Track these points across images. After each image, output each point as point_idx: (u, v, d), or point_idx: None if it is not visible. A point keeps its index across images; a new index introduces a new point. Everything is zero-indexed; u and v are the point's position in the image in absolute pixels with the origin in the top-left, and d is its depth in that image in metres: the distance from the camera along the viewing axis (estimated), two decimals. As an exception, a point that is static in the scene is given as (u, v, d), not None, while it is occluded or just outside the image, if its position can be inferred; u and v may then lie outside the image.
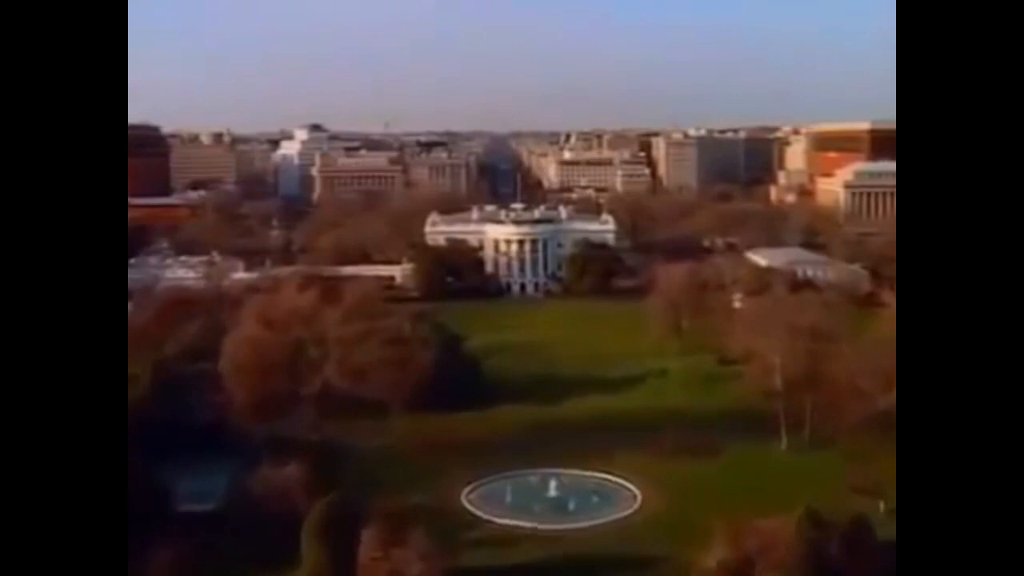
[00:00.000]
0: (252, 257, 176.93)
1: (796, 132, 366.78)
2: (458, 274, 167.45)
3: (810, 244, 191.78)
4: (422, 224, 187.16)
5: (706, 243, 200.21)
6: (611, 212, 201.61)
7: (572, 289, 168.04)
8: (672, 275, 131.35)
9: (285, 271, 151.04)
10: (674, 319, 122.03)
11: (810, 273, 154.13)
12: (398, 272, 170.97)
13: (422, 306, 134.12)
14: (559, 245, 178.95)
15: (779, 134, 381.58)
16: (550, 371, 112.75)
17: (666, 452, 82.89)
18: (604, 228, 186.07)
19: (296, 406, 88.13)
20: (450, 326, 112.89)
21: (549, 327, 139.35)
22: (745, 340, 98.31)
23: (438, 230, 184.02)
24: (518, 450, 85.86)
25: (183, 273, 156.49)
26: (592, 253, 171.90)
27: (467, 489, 78.34)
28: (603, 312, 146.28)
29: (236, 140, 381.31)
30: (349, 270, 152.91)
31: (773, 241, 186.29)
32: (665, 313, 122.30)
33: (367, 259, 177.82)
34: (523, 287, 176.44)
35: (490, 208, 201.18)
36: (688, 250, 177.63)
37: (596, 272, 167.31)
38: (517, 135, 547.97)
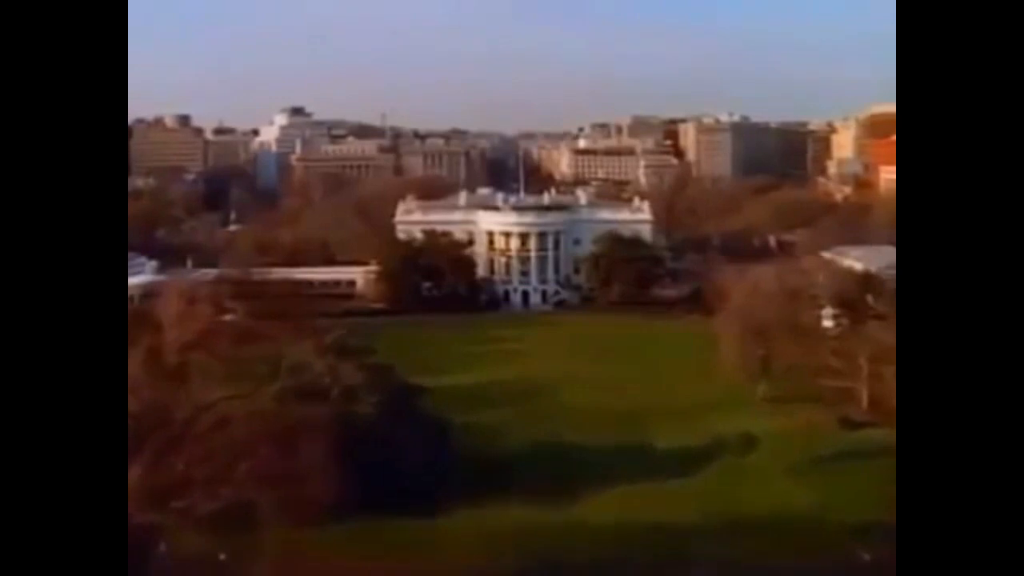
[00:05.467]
0: (187, 256, 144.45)
1: (830, 125, 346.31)
2: (438, 278, 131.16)
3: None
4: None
5: (755, 241, 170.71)
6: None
7: (594, 299, 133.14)
8: (750, 283, 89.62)
9: (209, 274, 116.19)
10: (756, 349, 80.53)
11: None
12: (360, 276, 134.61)
13: (387, 320, 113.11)
14: (576, 240, 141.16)
15: (812, 127, 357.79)
16: (561, 437, 72.82)
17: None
18: (637, 218, 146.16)
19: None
20: (399, 368, 73.36)
21: (561, 356, 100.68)
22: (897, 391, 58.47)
23: (412, 219, 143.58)
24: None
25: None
26: (622, 251, 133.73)
27: None
28: (640, 334, 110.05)
29: (221, 130, 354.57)
30: (281, 272, 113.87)
31: (844, 239, 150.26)
32: (743, 340, 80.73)
33: (330, 259, 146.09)
34: (526, 296, 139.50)
35: (484, 191, 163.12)
36: (741, 250, 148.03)
37: (628, 277, 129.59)
38: (529, 136, 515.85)
